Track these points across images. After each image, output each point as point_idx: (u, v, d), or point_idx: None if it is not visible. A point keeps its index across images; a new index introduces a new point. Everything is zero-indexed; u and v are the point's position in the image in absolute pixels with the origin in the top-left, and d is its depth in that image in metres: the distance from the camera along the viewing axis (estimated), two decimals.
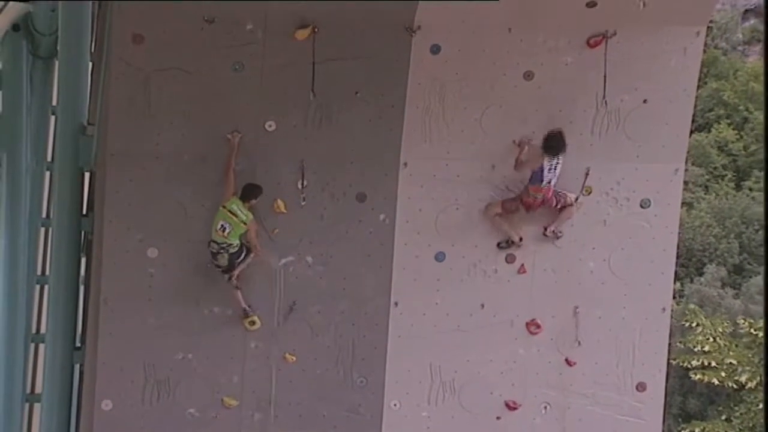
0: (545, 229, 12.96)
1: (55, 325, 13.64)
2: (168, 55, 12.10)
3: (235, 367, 12.92)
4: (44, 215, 17.10)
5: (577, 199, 12.81)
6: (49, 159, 16.45)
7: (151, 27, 11.99)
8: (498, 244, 13.02)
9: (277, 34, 12.11)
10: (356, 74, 12.32)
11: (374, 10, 11.96)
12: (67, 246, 13.36)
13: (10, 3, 15.23)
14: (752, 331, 32.88)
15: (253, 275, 12.76)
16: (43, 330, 16.28)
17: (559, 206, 12.79)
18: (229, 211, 12.20)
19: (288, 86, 12.26)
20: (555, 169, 12.46)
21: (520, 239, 12.95)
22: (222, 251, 12.34)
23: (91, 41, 13.36)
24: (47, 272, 15.61)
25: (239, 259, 12.45)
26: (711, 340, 33.60)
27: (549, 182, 12.51)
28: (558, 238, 13.01)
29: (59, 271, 13.50)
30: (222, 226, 12.21)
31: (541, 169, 12.45)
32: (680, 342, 33.93)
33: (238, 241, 12.36)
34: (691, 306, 36.77)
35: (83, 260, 13.79)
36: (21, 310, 16.21)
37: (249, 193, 12.28)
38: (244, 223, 12.23)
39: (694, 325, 34.01)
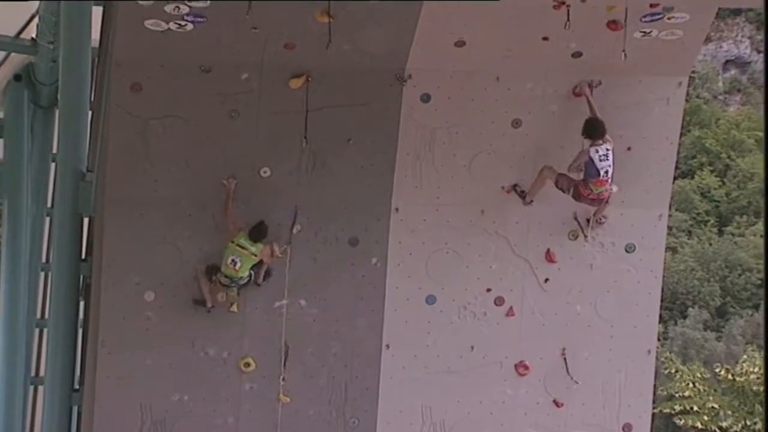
0: (588, 220, 13.02)
1: (54, 368, 13.76)
2: (166, 103, 12.31)
3: (230, 408, 13.07)
4: (44, 260, 17.25)
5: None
6: (49, 205, 16.62)
7: (149, 76, 12.18)
8: (514, 186, 13.02)
9: (272, 83, 12.34)
10: (349, 122, 12.55)
11: (367, 59, 12.24)
12: (66, 290, 13.48)
13: (12, 54, 15.51)
14: (730, 376, 33.07)
15: (248, 318, 12.96)
16: (42, 373, 16.40)
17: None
18: (238, 246, 12.33)
19: (282, 133, 12.48)
20: (607, 158, 12.19)
21: (531, 202, 12.99)
22: (233, 284, 12.53)
23: (91, 90, 13.57)
24: (47, 316, 15.74)
25: (246, 284, 12.64)
26: (691, 385, 33.81)
27: (606, 173, 12.20)
28: (602, 224, 13.10)
29: (58, 315, 13.62)
30: (233, 260, 12.34)
31: (591, 160, 12.17)
32: (662, 389, 34.12)
33: (248, 273, 12.52)
34: (668, 354, 37.03)
35: (82, 304, 13.94)
36: (21, 353, 16.31)
37: (257, 234, 12.40)
38: (255, 255, 12.37)
39: (673, 371, 34.24)
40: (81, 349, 13.94)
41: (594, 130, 12.29)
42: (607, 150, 12.22)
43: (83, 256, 13.61)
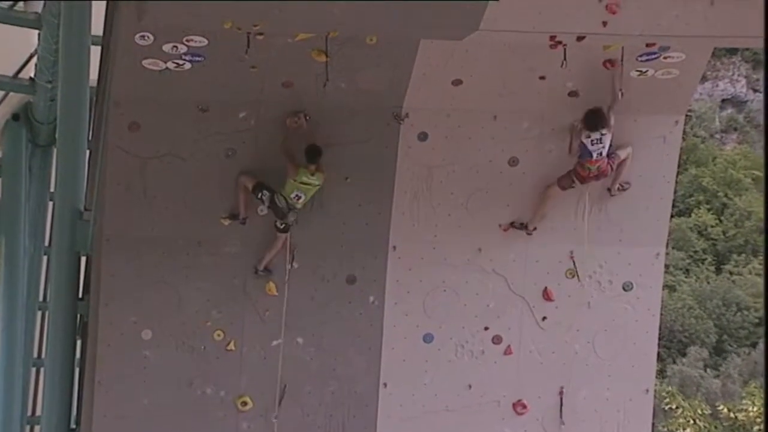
0: (609, 189, 12.93)
1: (50, 407, 13.73)
2: (163, 142, 12.35)
3: None
4: (41, 299, 17.26)
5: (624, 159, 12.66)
6: (46, 243, 16.65)
7: (147, 115, 12.22)
8: (512, 223, 13.03)
9: (269, 122, 12.38)
10: (346, 160, 12.58)
11: (364, 98, 12.28)
12: (63, 329, 13.48)
13: (11, 93, 15.57)
14: (732, 414, 33.00)
15: (245, 357, 12.95)
16: (39, 412, 16.38)
17: (615, 168, 12.63)
18: (301, 183, 12.21)
19: (279, 170, 12.48)
20: (600, 142, 12.23)
21: (534, 230, 13.03)
22: (291, 211, 12.35)
23: (89, 129, 13.62)
24: (43, 355, 15.71)
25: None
26: (691, 422, 33.71)
27: (600, 154, 12.28)
28: (625, 189, 13.01)
29: (55, 354, 13.60)
30: (296, 195, 12.23)
31: (584, 144, 12.27)
32: (663, 426, 34.04)
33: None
34: (670, 389, 36.98)
35: (79, 343, 13.93)
36: (17, 392, 16.29)
37: (313, 155, 12.25)
38: (317, 185, 12.29)
39: (674, 407, 34.15)
40: (78, 388, 13.92)
41: (590, 121, 12.27)
42: (602, 134, 12.22)
43: (80, 295, 13.60)
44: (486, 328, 13.29)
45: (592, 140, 12.23)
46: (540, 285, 13.30)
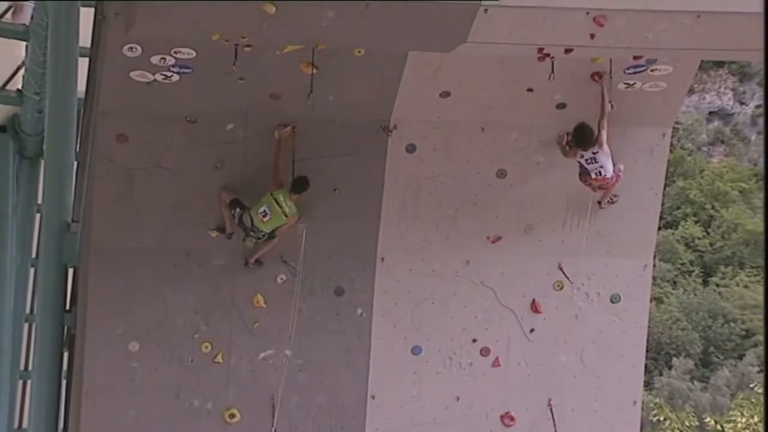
0: (599, 203, 12.90)
1: (37, 420, 13.61)
2: (151, 153, 12.35)
3: None
4: (28, 310, 17.20)
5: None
6: (34, 255, 16.60)
7: (134, 127, 12.23)
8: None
9: (257, 133, 12.39)
10: (334, 172, 12.60)
11: (352, 110, 12.30)
12: (50, 341, 13.40)
13: None
14: (719, 427, 32.96)
15: (232, 369, 12.93)
16: (25, 424, 16.31)
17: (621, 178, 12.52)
18: (275, 200, 12.17)
19: (267, 183, 12.49)
20: (595, 161, 12.14)
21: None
22: (253, 235, 12.39)
23: (77, 141, 13.60)
24: (30, 367, 15.66)
25: (262, 239, 12.51)
26: None
27: (599, 173, 12.18)
28: (614, 203, 12.97)
29: (42, 366, 13.50)
30: (264, 211, 12.19)
31: (580, 164, 12.23)
32: None
33: (269, 231, 12.36)
34: (657, 400, 36.98)
35: (66, 355, 13.88)
36: (4, 404, 16.22)
37: (300, 186, 12.24)
38: (285, 216, 12.21)
39: (662, 419, 34.11)
40: (65, 400, 13.85)
41: (577, 140, 12.25)
42: (594, 153, 12.15)
43: (68, 307, 13.55)
44: (474, 340, 13.29)
45: (586, 159, 12.21)
46: (528, 297, 13.31)
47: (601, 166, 12.21)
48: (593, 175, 12.24)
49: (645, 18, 10.18)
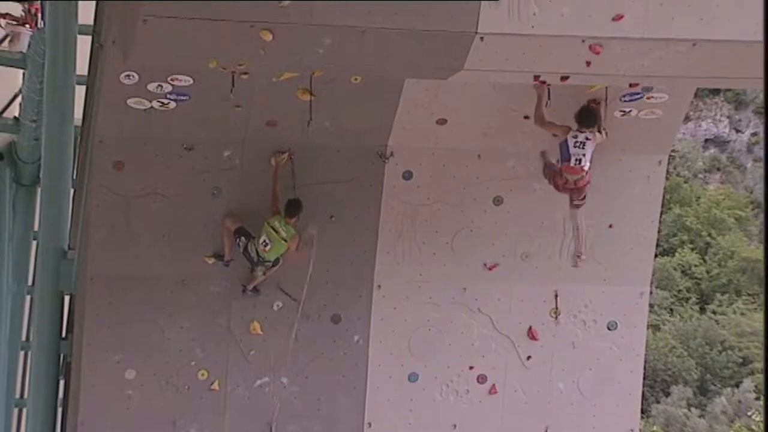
0: (572, 202, 12.33)
1: None
2: (148, 180, 12.34)
3: None
4: (24, 338, 17.18)
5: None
6: (30, 283, 16.59)
7: (131, 154, 12.22)
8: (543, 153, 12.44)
9: (254, 161, 12.39)
10: (331, 199, 12.61)
11: (349, 136, 12.32)
12: (45, 369, 13.40)
13: None
14: None
15: (229, 397, 12.89)
16: None
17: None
18: (272, 228, 12.17)
19: (264, 210, 12.43)
20: (582, 147, 11.72)
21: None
22: (260, 264, 12.38)
23: (73, 168, 13.61)
24: (26, 395, 15.61)
25: (273, 266, 12.47)
26: None
27: (579, 162, 11.75)
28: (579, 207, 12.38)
29: (38, 394, 13.51)
30: (264, 241, 12.18)
31: (566, 142, 11.76)
32: None
33: (275, 258, 12.35)
34: (654, 428, 36.97)
35: (62, 383, 13.85)
36: None
37: (292, 209, 12.22)
38: (285, 241, 12.20)
39: None
40: (61, 428, 13.82)
41: (581, 118, 11.84)
42: (586, 139, 11.76)
43: (63, 335, 13.55)
44: (471, 368, 13.28)
45: (576, 141, 11.77)
46: (525, 324, 13.30)
47: (584, 155, 11.78)
48: (572, 163, 11.76)
49: (641, 46, 10.20)
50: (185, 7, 9.30)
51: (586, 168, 11.80)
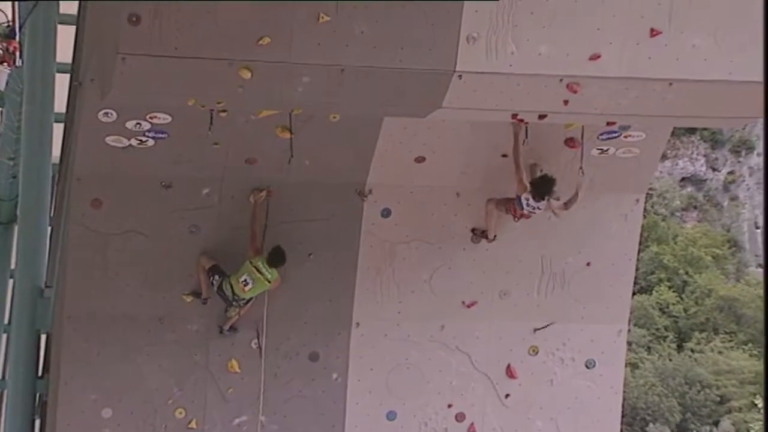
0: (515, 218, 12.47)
1: None
2: (126, 218, 12.29)
3: None
4: (0, 377, 17.06)
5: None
6: (6, 321, 16.50)
7: (109, 192, 12.18)
8: (473, 230, 12.84)
9: (232, 198, 12.37)
10: (309, 236, 12.59)
11: (327, 174, 12.33)
12: (21, 408, 13.34)
13: None
14: None
15: None
16: None
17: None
18: (255, 268, 12.12)
19: (243, 248, 12.42)
20: (535, 209, 11.99)
21: (494, 237, 12.76)
22: (235, 304, 12.35)
23: (51, 206, 13.57)
24: None
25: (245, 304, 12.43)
26: None
27: (532, 210, 11.99)
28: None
29: None
30: (245, 281, 12.13)
31: (519, 199, 12.01)
32: None
33: (249, 298, 12.30)
34: None
35: (37, 423, 13.75)
36: None
37: (276, 260, 12.14)
38: (268, 282, 12.17)
39: None
40: None
41: (536, 188, 11.93)
42: (538, 209, 11.98)
43: (40, 374, 13.45)
44: (449, 406, 13.25)
45: (528, 203, 11.96)
46: (503, 362, 13.29)
47: (535, 211, 12.04)
48: (526, 211, 12.02)
49: (618, 85, 10.27)
50: (164, 45, 9.31)
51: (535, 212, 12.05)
